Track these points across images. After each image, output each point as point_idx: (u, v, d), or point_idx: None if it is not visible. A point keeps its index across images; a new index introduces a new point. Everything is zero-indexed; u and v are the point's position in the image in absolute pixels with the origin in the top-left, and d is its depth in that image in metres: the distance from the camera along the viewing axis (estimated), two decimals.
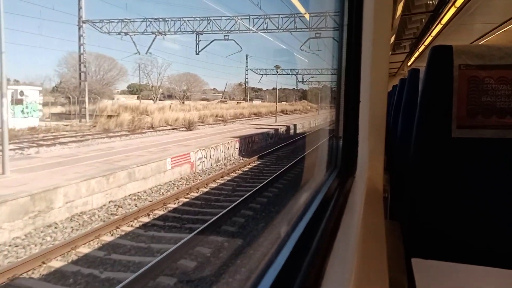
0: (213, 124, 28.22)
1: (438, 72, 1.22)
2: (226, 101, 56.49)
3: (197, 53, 30.80)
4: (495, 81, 1.19)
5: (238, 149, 15.71)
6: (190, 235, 6.37)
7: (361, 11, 1.32)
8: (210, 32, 29.42)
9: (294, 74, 54.60)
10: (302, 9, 23.87)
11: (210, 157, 13.49)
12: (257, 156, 15.10)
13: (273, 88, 72.41)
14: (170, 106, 32.98)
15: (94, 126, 22.37)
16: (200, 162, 12.71)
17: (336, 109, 1.52)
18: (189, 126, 23.59)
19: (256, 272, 0.60)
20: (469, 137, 1.20)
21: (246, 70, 59.60)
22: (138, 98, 49.94)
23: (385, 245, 0.93)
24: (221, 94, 69.16)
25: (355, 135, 1.34)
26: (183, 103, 46.02)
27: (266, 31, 27.99)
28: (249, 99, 67.91)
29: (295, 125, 25.96)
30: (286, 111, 48.60)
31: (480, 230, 1.21)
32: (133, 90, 53.54)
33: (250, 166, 13.73)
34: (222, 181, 11.10)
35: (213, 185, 10.57)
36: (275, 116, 28.47)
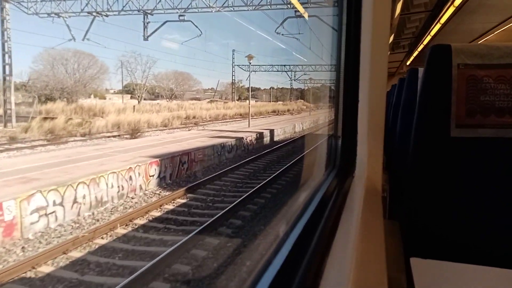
0: (177, 128, 23.25)
1: (437, 72, 1.22)
2: (216, 100, 54.57)
3: (145, 39, 25.18)
4: (493, 81, 1.19)
5: (155, 176, 9.84)
6: None
7: (359, 10, 1.32)
8: (162, 12, 24.20)
9: (286, 71, 52.42)
10: None
11: (78, 202, 7.38)
12: (184, 188, 9.22)
13: (271, 88, 70.73)
14: (134, 106, 29.21)
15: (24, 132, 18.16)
16: (42, 216, 6.66)
17: (335, 108, 1.51)
18: (133, 133, 18.84)
19: (254, 272, 0.60)
20: (468, 136, 1.20)
21: (233, 67, 55.37)
22: (131, 98, 48.04)
23: (384, 245, 0.93)
24: (218, 94, 67.11)
25: (354, 134, 1.34)
26: (170, 101, 44.22)
27: (232, 8, 23.19)
28: (244, 99, 66.00)
29: (271, 132, 19.91)
30: (278, 112, 46.42)
31: (479, 230, 1.21)
32: (129, 89, 51.93)
33: (159, 213, 7.78)
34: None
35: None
36: (248, 120, 22.01)
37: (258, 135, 17.93)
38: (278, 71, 53.14)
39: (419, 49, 11.16)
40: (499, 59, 1.19)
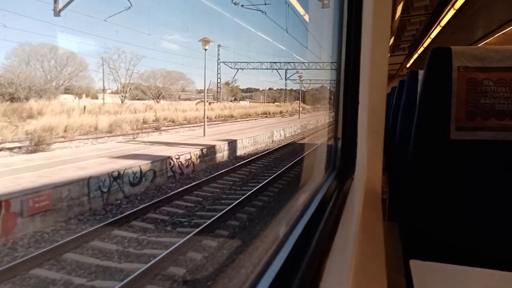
0: (116, 136, 18.34)
1: (437, 74, 1.22)
2: (208, 101, 51.83)
3: (57, 14, 19.28)
4: (493, 83, 1.19)
5: None
6: None
7: (360, 13, 1.32)
8: None
9: (276, 69, 48.03)
10: None
11: None
12: None
13: (269, 89, 68.53)
14: (84, 107, 24.30)
15: None
16: None
17: (335, 110, 1.52)
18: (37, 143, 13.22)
19: (255, 272, 0.60)
20: (467, 139, 1.21)
21: (218, 64, 50.16)
22: (120, 98, 44.96)
23: (383, 247, 0.93)
24: (210, 94, 64.39)
25: (354, 136, 1.34)
26: (158, 102, 41.81)
27: None
28: (238, 100, 64.11)
29: (231, 144, 13.77)
30: (268, 114, 43.21)
31: (479, 232, 1.22)
32: (125, 89, 48.94)
33: None
34: None
35: None
36: (204, 127, 16.46)
37: (204, 151, 11.65)
38: (267, 69, 48.53)
39: (419, 51, 11.18)
40: (499, 62, 1.19)
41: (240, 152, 14.41)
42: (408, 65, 14.84)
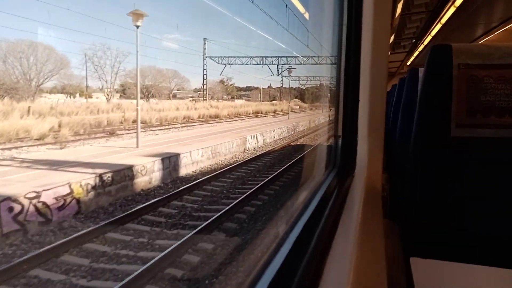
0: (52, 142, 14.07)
1: (437, 71, 1.22)
2: (197, 99, 47.53)
3: None
4: (494, 81, 1.19)
5: None
6: None
7: (360, 10, 1.32)
8: None
9: (267, 64, 43.04)
10: None
11: None
12: None
13: (269, 87, 65.95)
14: (29, 107, 20.49)
15: None
16: None
17: (335, 108, 1.52)
18: None
19: (254, 271, 0.60)
20: (468, 136, 1.20)
21: (204, 59, 45.16)
22: (121, 97, 42.66)
23: (383, 244, 0.93)
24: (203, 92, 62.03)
25: (354, 134, 1.34)
26: (147, 101, 38.73)
27: None
28: (233, 98, 61.94)
29: (170, 162, 9.22)
30: (260, 113, 40.16)
31: (479, 229, 1.21)
32: (124, 89, 47.39)
33: None
34: None
35: None
36: (137, 135, 11.38)
37: (104, 179, 7.13)
38: (258, 64, 43.54)
39: (420, 49, 11.15)
40: (499, 59, 1.19)
41: (176, 174, 9.37)
42: (408, 63, 14.81)
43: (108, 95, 40.63)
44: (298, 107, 56.85)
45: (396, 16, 6.62)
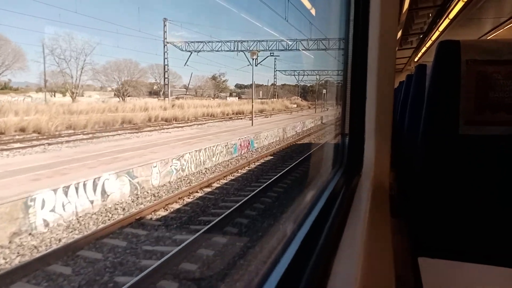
0: None
1: (445, 68, 1.21)
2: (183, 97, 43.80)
3: None
4: (503, 77, 1.17)
5: None
6: None
7: (367, 6, 1.31)
8: None
9: (243, 51, 35.90)
10: None
11: None
12: None
13: (272, 84, 61.73)
14: None
15: None
16: None
17: (342, 106, 1.51)
18: None
19: (263, 269, 0.60)
20: (476, 133, 1.19)
21: (164, 45, 37.03)
22: (116, 95, 38.46)
23: (391, 244, 0.93)
24: (191, 90, 56.78)
25: (361, 132, 1.33)
26: (123, 100, 34.89)
27: None
28: (231, 95, 58.22)
29: None
30: (242, 113, 35.21)
31: (488, 229, 1.20)
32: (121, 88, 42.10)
33: None
34: None
35: None
36: None
37: None
38: (231, 50, 35.76)
39: (427, 45, 11.06)
40: (509, 55, 1.17)
41: None
42: (416, 59, 14.70)
43: (73, 93, 35.23)
44: (295, 105, 53.19)
45: (404, 11, 6.57)
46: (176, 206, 7.82)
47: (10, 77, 36.36)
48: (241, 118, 29.61)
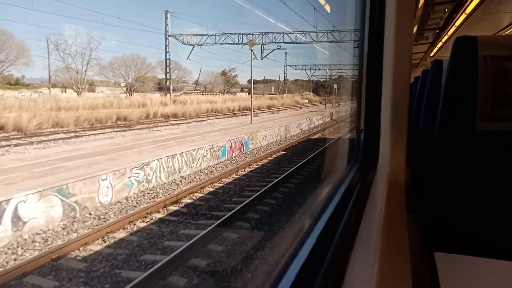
0: None
1: (462, 64, 1.20)
2: (191, 92, 43.25)
3: None
4: None
5: None
6: None
7: (383, 1, 1.30)
8: None
9: (246, 44, 31.23)
10: None
11: None
12: None
13: (285, 80, 60.30)
14: None
15: None
16: None
17: (357, 101, 1.50)
18: None
19: (280, 264, 0.60)
20: (494, 129, 1.18)
21: (166, 38, 35.20)
22: (127, 91, 37.95)
23: (407, 239, 0.93)
24: (201, 85, 55.50)
25: (377, 128, 1.33)
26: (130, 95, 33.79)
27: None
28: (242, 91, 57.12)
29: None
30: (245, 109, 32.76)
31: (504, 224, 1.19)
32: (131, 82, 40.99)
33: None
34: None
35: None
36: None
37: None
38: (235, 43, 33.69)
39: (443, 40, 10.89)
40: None
41: None
42: (431, 54, 14.50)
43: (79, 88, 34.48)
44: (307, 100, 52.69)
45: (419, 6, 6.48)
46: (121, 235, 5.90)
47: (14, 72, 35.99)
48: (246, 115, 27.47)
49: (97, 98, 26.49)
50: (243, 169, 10.56)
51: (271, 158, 12.44)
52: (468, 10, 7.06)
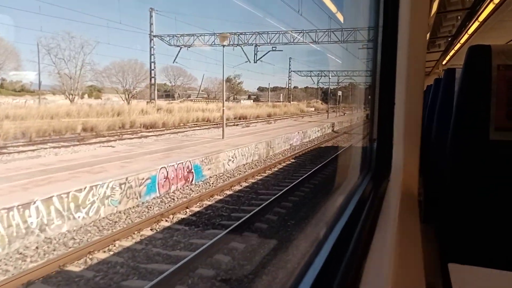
0: None
1: (475, 73, 1.19)
2: (199, 100, 42.72)
3: None
4: None
5: None
6: None
7: (397, 10, 1.30)
8: None
9: (239, 45, 29.93)
10: None
11: None
12: None
13: (294, 87, 58.33)
14: None
15: None
16: None
17: (370, 110, 1.50)
18: None
19: (296, 271, 0.61)
20: (508, 139, 1.17)
21: (151, 39, 31.62)
22: (131, 97, 36.42)
23: (421, 249, 0.92)
24: (204, 92, 54.55)
25: (390, 137, 1.32)
26: (128, 103, 32.19)
27: None
28: (249, 98, 55.98)
29: None
30: (243, 118, 30.97)
31: None
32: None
33: None
34: None
35: None
36: None
37: None
38: (235, 45, 29.36)
39: (456, 48, 10.81)
40: None
41: None
42: (444, 62, 14.39)
43: (72, 94, 32.47)
44: (313, 109, 51.45)
45: (432, 14, 6.46)
46: None
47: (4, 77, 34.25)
48: (237, 125, 24.77)
49: (61, 106, 23.57)
50: (176, 214, 6.99)
51: (235, 189, 9.04)
52: (481, 18, 7.00)
